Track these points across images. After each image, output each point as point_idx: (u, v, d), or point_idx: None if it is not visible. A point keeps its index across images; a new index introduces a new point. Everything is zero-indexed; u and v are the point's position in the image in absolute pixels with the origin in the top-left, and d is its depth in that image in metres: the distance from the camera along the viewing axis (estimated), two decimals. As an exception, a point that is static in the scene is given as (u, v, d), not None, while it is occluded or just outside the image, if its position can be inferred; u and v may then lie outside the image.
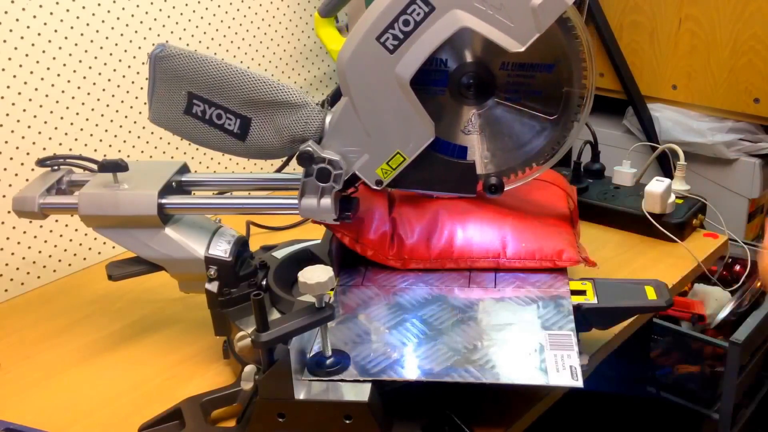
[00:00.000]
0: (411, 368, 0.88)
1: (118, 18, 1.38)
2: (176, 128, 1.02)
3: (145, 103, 1.45)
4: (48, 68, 1.30)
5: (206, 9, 1.51)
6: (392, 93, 0.94)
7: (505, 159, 1.05)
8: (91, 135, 1.38)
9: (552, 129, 1.02)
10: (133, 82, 1.43)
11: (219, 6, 1.53)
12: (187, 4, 1.48)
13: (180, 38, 1.48)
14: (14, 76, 1.26)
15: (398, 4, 0.91)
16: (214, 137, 1.00)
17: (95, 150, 1.39)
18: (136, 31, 1.41)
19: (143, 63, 1.43)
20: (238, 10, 1.57)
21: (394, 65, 0.93)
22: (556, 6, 0.91)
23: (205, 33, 1.52)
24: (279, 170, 1.18)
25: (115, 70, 1.40)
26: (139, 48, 1.42)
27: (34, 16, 1.27)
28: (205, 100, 0.98)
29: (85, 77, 1.35)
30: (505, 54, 0.96)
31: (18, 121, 1.28)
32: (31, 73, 1.29)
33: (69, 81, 1.33)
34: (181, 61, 0.98)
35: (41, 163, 1.12)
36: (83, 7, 1.33)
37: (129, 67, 1.41)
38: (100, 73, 1.37)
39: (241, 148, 1.01)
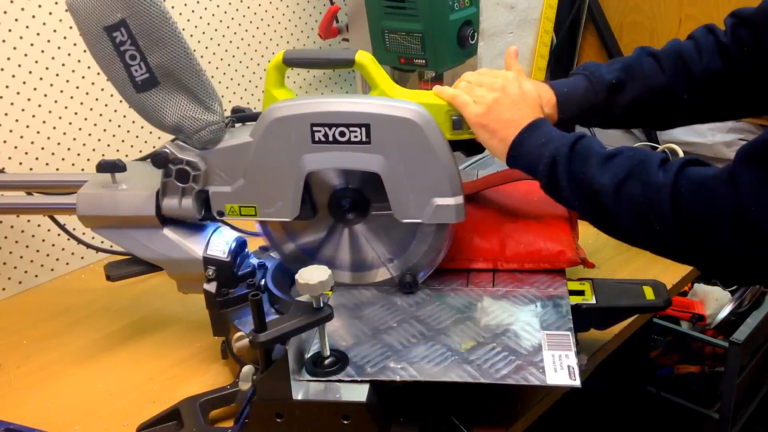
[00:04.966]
0: (409, 368, 0.88)
1: (117, 18, 1.38)
2: (87, 32, 0.94)
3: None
4: (47, 68, 1.30)
5: (205, 9, 1.51)
6: (290, 169, 0.97)
7: (405, 259, 1.04)
8: (90, 135, 1.38)
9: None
10: (132, 82, 1.43)
11: (218, 6, 1.53)
12: (186, 4, 1.48)
13: (179, 38, 1.48)
14: (13, 76, 1.26)
15: (348, 118, 0.94)
16: (115, 68, 0.95)
17: (94, 150, 1.39)
18: (135, 31, 1.41)
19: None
20: (237, 10, 1.57)
21: (306, 153, 0.96)
22: (446, 217, 0.98)
23: (204, 33, 1.52)
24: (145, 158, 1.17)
25: (114, 70, 1.39)
26: (139, 48, 1.42)
27: (33, 16, 1.27)
28: (132, 36, 0.92)
29: (84, 77, 1.35)
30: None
31: (17, 120, 1.28)
32: (30, 72, 1.28)
33: (68, 81, 1.33)
34: None
35: None
36: (82, 7, 1.33)
37: (128, 67, 1.41)
38: (99, 73, 1.36)
39: (132, 97, 0.97)
